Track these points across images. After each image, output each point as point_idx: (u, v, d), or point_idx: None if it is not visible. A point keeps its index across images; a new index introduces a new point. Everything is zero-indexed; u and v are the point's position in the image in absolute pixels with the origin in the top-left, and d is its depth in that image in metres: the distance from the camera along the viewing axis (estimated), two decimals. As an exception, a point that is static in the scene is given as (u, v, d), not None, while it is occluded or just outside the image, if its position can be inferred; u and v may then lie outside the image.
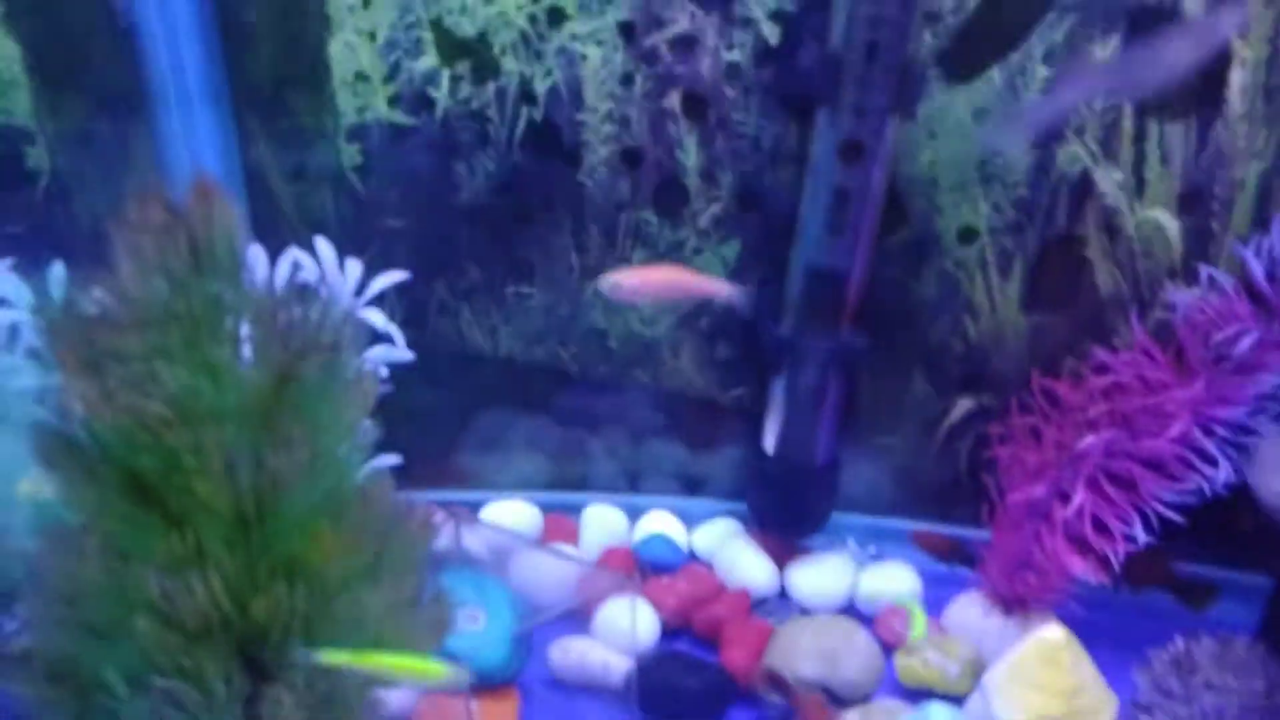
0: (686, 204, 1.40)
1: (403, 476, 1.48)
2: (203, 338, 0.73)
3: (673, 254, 1.43)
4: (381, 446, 1.33)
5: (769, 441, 1.38)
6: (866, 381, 1.46)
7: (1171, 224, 1.30)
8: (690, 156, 1.37)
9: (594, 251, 1.44)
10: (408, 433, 1.51)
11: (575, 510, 1.53)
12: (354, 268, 1.16)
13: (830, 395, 1.34)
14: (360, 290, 1.17)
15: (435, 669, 0.83)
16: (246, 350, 0.79)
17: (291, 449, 0.75)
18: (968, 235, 1.36)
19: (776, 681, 0.94)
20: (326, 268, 1.13)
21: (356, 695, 0.86)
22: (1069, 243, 1.33)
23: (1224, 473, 1.13)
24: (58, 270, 1.02)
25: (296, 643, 0.81)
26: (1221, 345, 1.15)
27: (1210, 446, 1.14)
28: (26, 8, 1.24)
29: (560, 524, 1.50)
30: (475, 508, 1.51)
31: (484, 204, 1.41)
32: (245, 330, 0.77)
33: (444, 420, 1.55)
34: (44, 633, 0.82)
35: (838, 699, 1.11)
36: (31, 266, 1.12)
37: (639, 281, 1.18)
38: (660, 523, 1.49)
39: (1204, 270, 1.24)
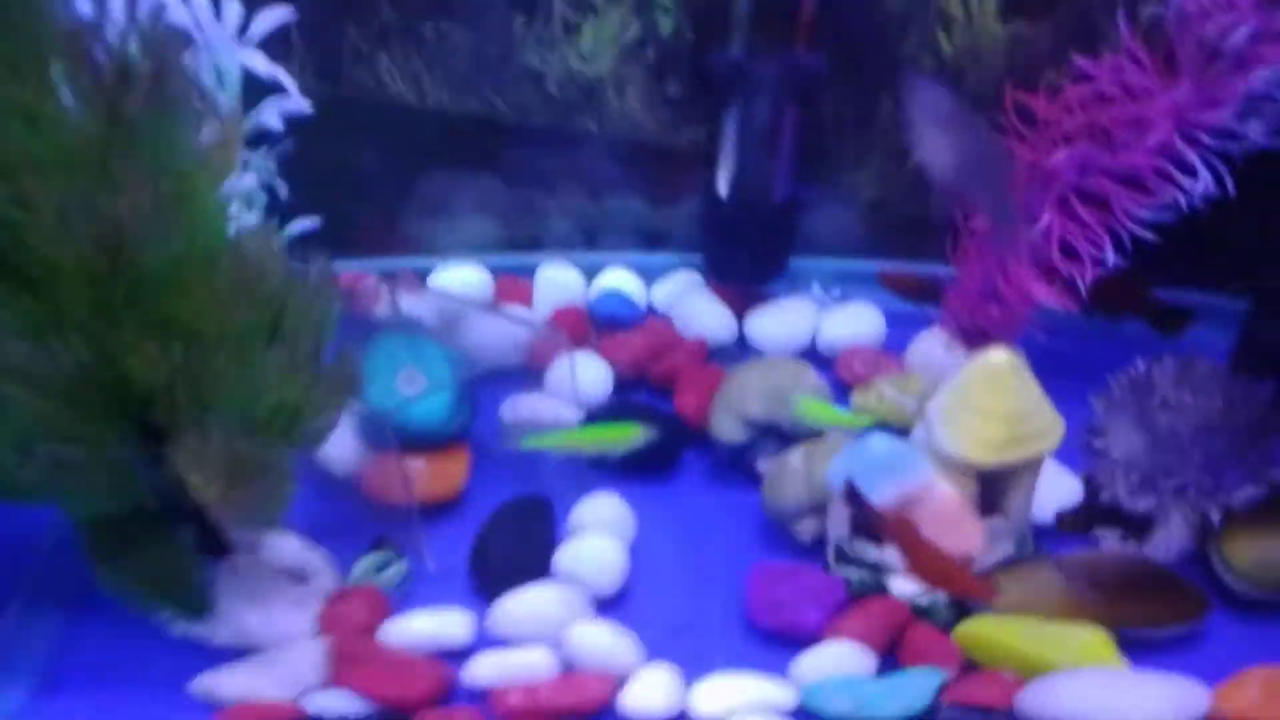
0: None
1: (342, 243, 1.44)
2: (6, 80, 0.62)
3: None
4: (305, 209, 1.28)
5: (722, 183, 1.28)
6: (828, 108, 1.33)
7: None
8: None
9: (518, -24, 1.27)
10: (339, 196, 1.44)
11: (529, 272, 1.46)
12: (233, 6, 1.02)
13: (786, 126, 1.22)
14: (242, 32, 1.03)
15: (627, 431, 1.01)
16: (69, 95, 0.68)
17: (128, 194, 0.66)
18: (939, -72, 1.19)
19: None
20: (197, 4, 0.99)
21: (269, 455, 0.83)
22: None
23: (1203, 184, 1.03)
24: None
25: (190, 402, 0.77)
26: (1214, 39, 1.01)
27: (1191, 155, 1.03)
28: None
29: (513, 286, 1.44)
30: (422, 274, 1.45)
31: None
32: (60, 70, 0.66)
33: (379, 181, 1.45)
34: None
35: (787, 436, 1.09)
36: None
37: None
38: (617, 279, 1.43)
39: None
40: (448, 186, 1.45)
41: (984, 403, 0.87)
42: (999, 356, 0.88)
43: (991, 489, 0.91)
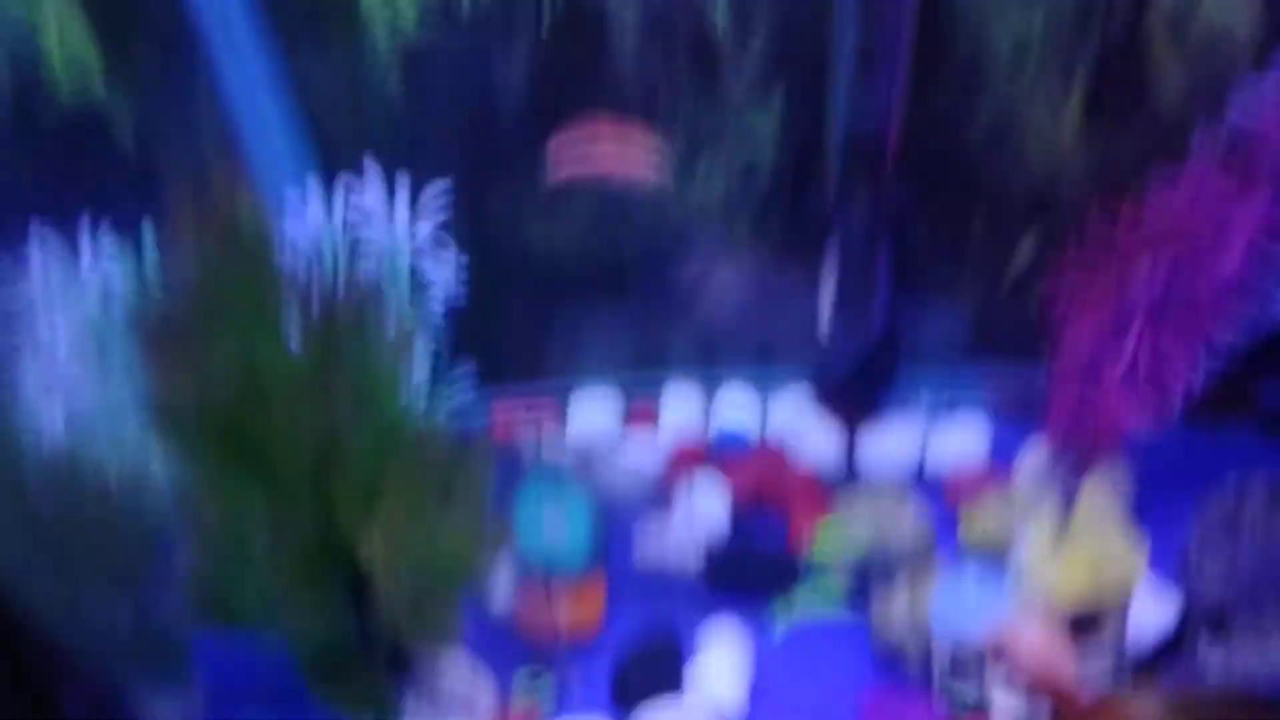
0: (724, 64, 1.34)
1: (498, 373, 1.62)
2: (251, 327, 0.83)
3: (716, 117, 1.37)
4: (465, 350, 1.46)
5: (824, 314, 1.38)
6: (929, 230, 1.40)
7: (1241, 18, 1.15)
8: (721, 16, 1.30)
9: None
10: (497, 336, 1.62)
11: (658, 393, 1.58)
12: (402, 212, 1.22)
13: (881, 259, 1.31)
14: (413, 202, 1.23)
15: None
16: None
17: (338, 407, 0.85)
18: (1023, 47, 1.24)
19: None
20: (374, 192, 1.20)
21: (445, 596, 0.99)
22: (1131, 48, 1.21)
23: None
24: (147, 230, 1.13)
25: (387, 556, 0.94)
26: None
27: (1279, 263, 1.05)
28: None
29: (644, 408, 1.57)
30: (566, 393, 1.60)
31: (524, 95, 1.39)
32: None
33: (523, 316, 1.62)
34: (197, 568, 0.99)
35: (896, 563, 1.15)
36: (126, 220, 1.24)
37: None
38: (736, 401, 1.53)
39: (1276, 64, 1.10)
40: (586, 322, 1.61)
41: (1073, 546, 0.91)
42: (1089, 501, 0.93)
43: (1084, 618, 0.95)
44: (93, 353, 1.08)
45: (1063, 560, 0.91)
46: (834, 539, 1.09)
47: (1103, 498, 0.91)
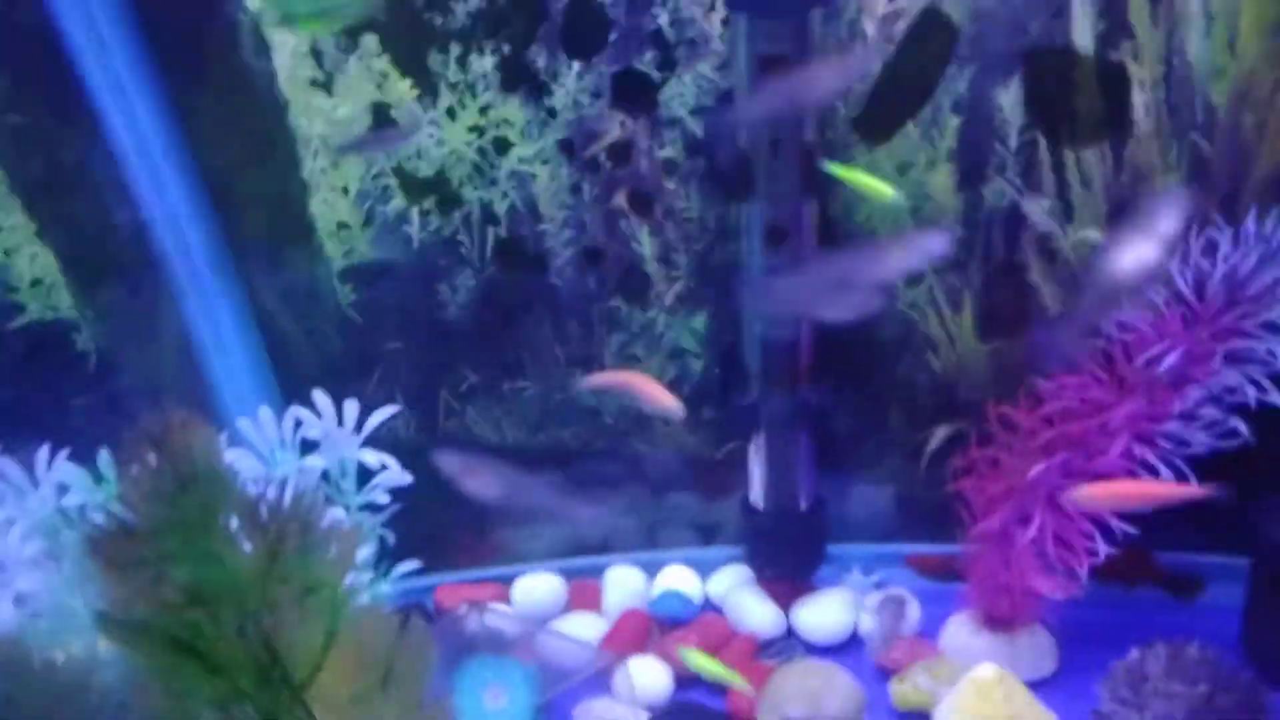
0: (650, 288, 1.53)
1: (445, 561, 1.69)
2: (200, 539, 0.90)
3: (645, 334, 1.55)
4: (413, 539, 1.54)
5: (755, 495, 1.49)
6: (848, 422, 1.56)
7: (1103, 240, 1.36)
8: (645, 246, 1.50)
9: (575, 342, 1.58)
10: (441, 524, 1.70)
11: (598, 573, 1.67)
12: (351, 408, 1.33)
13: (802, 448, 1.44)
14: (359, 426, 1.33)
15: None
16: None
17: (282, 609, 0.92)
18: (914, 279, 1.44)
19: None
20: (326, 417, 1.30)
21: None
22: (1011, 271, 1.41)
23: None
24: (105, 457, 1.22)
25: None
26: (1149, 362, 1.21)
27: (1152, 459, 1.20)
28: (55, 221, 1.46)
29: (584, 589, 1.64)
30: (509, 580, 1.67)
31: (470, 316, 1.56)
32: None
33: (470, 508, 1.71)
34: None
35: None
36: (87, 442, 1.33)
37: (602, 380, 1.33)
38: (675, 577, 1.61)
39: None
40: (526, 508, 1.71)
41: (978, 713, 1.00)
42: (986, 672, 1.02)
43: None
44: (46, 556, 1.14)
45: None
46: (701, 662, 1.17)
47: (990, 674, 0.99)
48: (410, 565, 1.46)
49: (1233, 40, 1.22)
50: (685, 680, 1.44)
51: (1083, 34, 1.26)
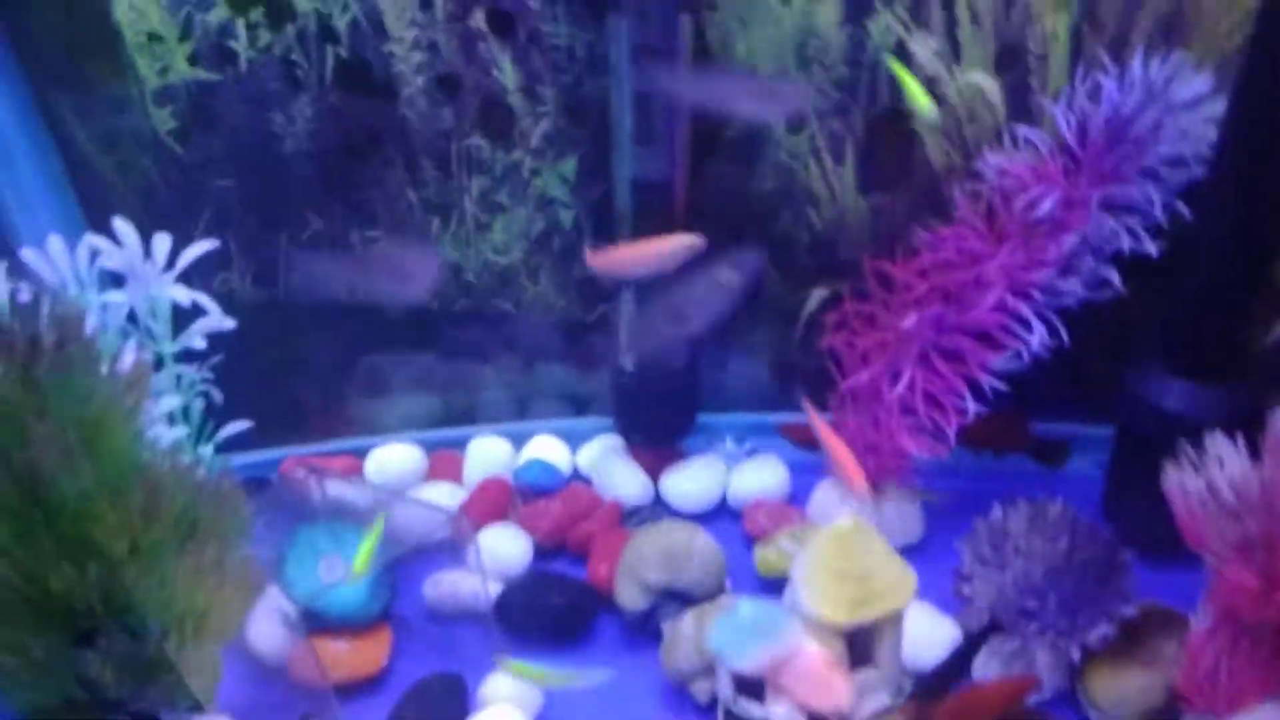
0: (514, 124, 1.39)
1: (289, 432, 1.56)
2: None
3: (510, 178, 1.43)
4: (249, 406, 1.41)
5: (624, 357, 1.41)
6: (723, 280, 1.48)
7: (991, 85, 1.29)
8: (508, 76, 1.36)
9: (431, 185, 1.44)
10: (282, 390, 1.57)
11: (462, 445, 1.57)
12: (161, 242, 1.17)
13: (673, 304, 1.36)
14: (171, 263, 1.18)
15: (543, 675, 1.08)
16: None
17: (40, 445, 0.79)
18: (796, 126, 1.36)
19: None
20: (128, 248, 1.14)
21: (169, 657, 0.92)
22: (895, 118, 1.33)
23: (1039, 336, 1.16)
24: None
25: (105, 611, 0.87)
26: (1026, 208, 1.16)
27: (1026, 311, 1.16)
28: None
29: (446, 460, 1.55)
30: (364, 452, 1.56)
31: (309, 150, 1.40)
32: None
33: (319, 372, 1.58)
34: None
35: (687, 599, 1.17)
36: None
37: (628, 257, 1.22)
38: (543, 448, 1.54)
39: (1020, 131, 1.24)
40: (382, 372, 1.59)
41: (836, 565, 0.96)
42: (843, 523, 0.97)
43: (859, 643, 0.99)
44: None
45: (831, 576, 0.94)
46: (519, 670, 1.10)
47: (847, 524, 0.96)
48: (238, 426, 1.33)
49: None
50: (545, 550, 1.37)
51: None
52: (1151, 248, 1.14)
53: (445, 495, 1.46)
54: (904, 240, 1.34)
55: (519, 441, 1.57)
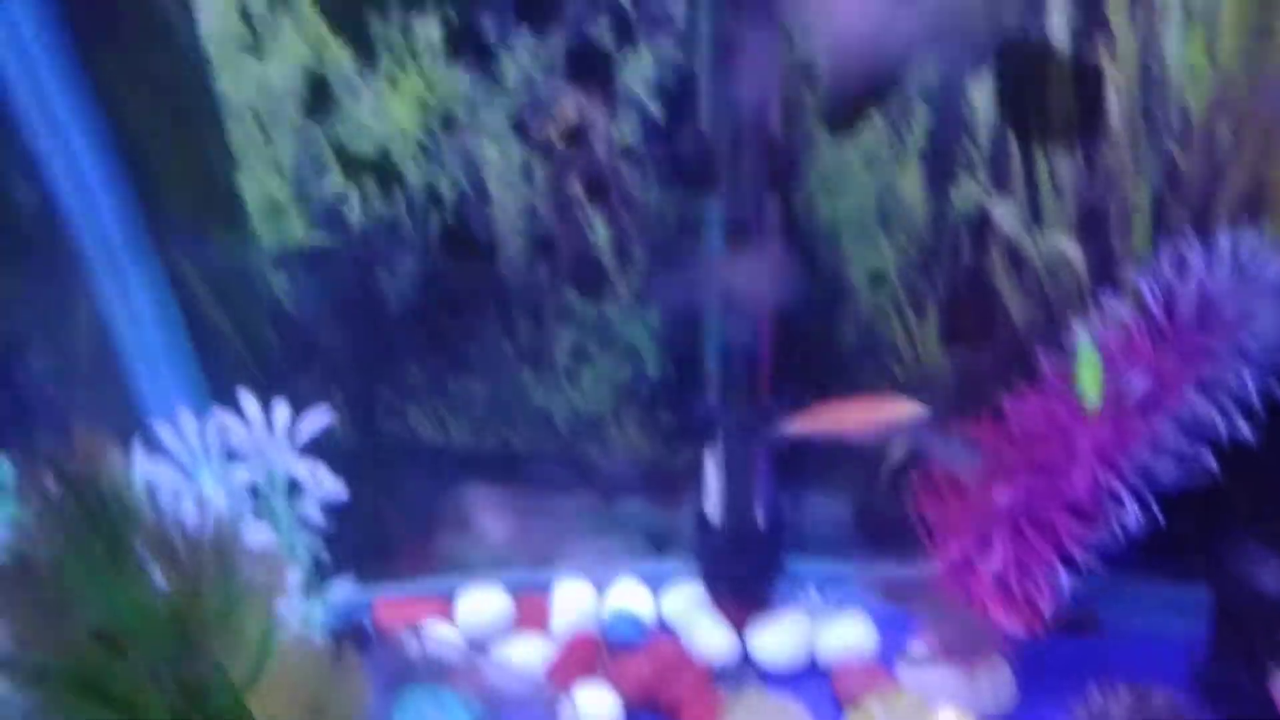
0: (605, 280, 1.46)
1: (383, 569, 1.61)
2: (108, 575, 0.83)
3: (599, 329, 1.49)
4: (348, 547, 1.46)
5: (709, 510, 1.44)
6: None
7: (1074, 249, 1.32)
8: (600, 235, 1.44)
9: (524, 336, 1.51)
10: (379, 529, 1.63)
11: (546, 588, 1.60)
12: (281, 413, 1.25)
13: (762, 460, 1.39)
14: (291, 432, 1.25)
15: None
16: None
17: (201, 655, 0.84)
18: (878, 280, 1.40)
19: None
20: (253, 423, 1.22)
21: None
22: (977, 277, 1.37)
23: (1133, 516, 1.15)
24: (4, 465, 1.12)
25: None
26: (1118, 387, 1.17)
27: (1119, 489, 1.16)
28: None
29: (533, 606, 1.57)
30: (452, 594, 1.59)
31: (412, 307, 1.49)
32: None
33: (411, 513, 1.64)
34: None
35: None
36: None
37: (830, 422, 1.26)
38: (628, 594, 1.55)
39: (1105, 300, 1.26)
40: (470, 513, 1.63)
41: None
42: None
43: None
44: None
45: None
46: None
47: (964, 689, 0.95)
48: (345, 585, 1.38)
49: (1212, 43, 1.20)
50: (635, 707, 1.38)
51: (1058, 29, 1.23)
52: (1246, 430, 1.14)
53: (534, 648, 1.48)
54: (989, 399, 1.35)
55: (602, 584, 1.59)
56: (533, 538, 1.65)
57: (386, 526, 1.64)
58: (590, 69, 1.32)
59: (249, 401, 1.25)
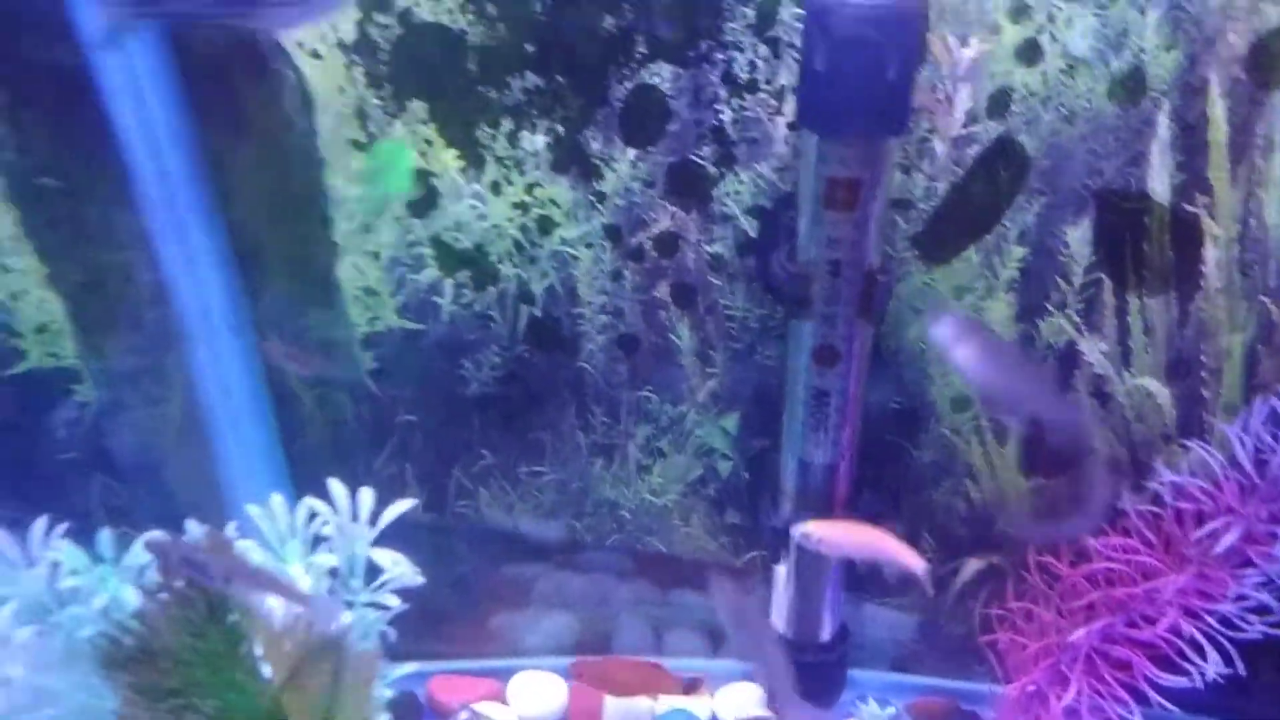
0: (684, 381, 1.52)
1: (440, 647, 1.67)
2: (226, 669, 0.90)
3: (674, 428, 1.55)
4: (410, 624, 1.52)
5: (777, 620, 1.48)
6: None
7: (1162, 392, 1.36)
8: (683, 339, 1.50)
9: (599, 429, 1.57)
10: (439, 606, 1.69)
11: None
12: (366, 498, 1.31)
13: (833, 575, 1.44)
14: (374, 519, 1.32)
15: None
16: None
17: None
18: (960, 403, 1.45)
19: None
20: (339, 509, 1.29)
21: None
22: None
23: (1214, 665, 1.19)
24: (105, 537, 1.19)
25: None
26: (1207, 538, 1.21)
27: (1200, 638, 1.20)
28: (68, 268, 1.44)
29: (585, 694, 1.62)
30: (507, 674, 1.65)
31: (492, 393, 1.56)
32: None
33: (474, 594, 1.70)
34: None
35: None
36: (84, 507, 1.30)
37: (838, 536, 1.31)
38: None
39: (1194, 446, 1.30)
40: (531, 596, 1.69)
41: None
42: None
43: None
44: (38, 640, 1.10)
45: None
46: None
47: None
48: (409, 667, 1.43)
49: (1314, 208, 1.24)
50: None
51: (1159, 182, 1.27)
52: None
53: (588, 733, 1.53)
54: (1066, 528, 1.39)
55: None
56: (592, 626, 1.71)
57: (445, 602, 1.70)
58: (689, 186, 1.39)
59: (338, 487, 1.32)
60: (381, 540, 1.33)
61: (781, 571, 1.46)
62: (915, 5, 1.12)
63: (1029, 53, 1.26)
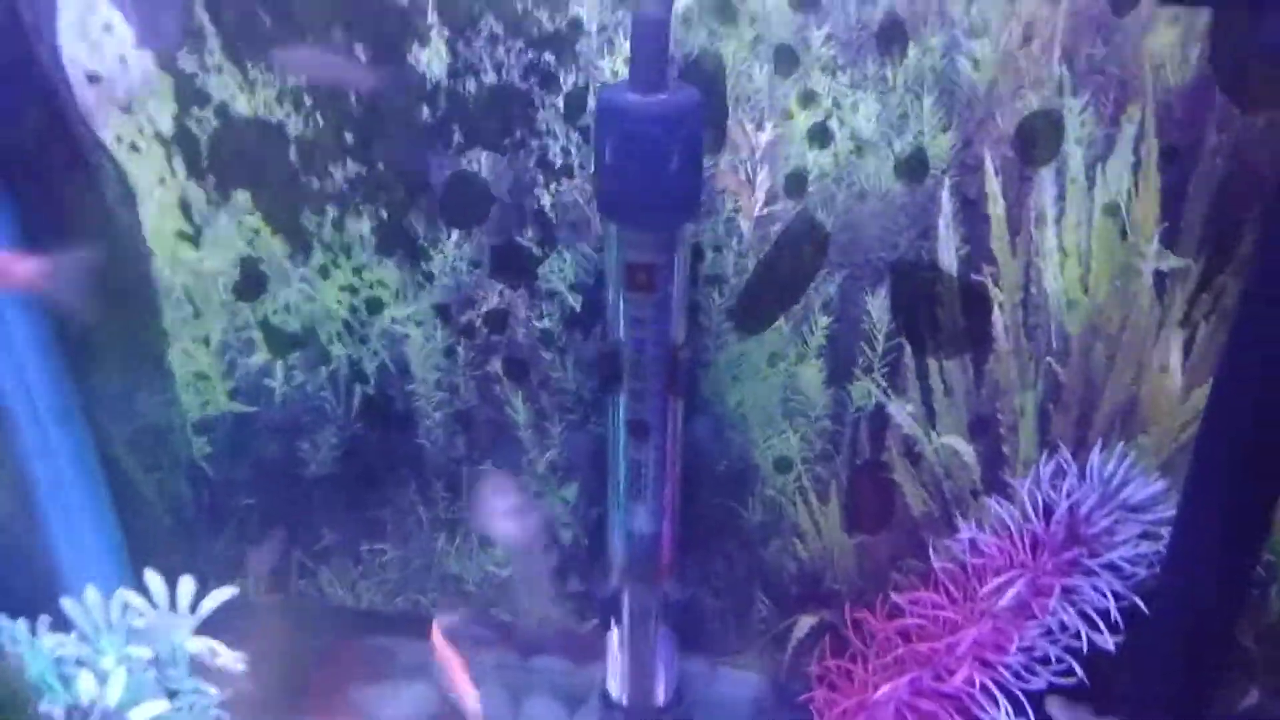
0: (522, 453, 1.58)
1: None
2: None
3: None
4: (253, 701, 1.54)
5: (614, 689, 1.53)
6: (712, 603, 1.62)
7: (967, 449, 1.46)
8: (519, 412, 1.55)
9: (440, 504, 1.62)
10: (292, 680, 1.70)
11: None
12: (186, 586, 1.34)
13: (663, 640, 1.49)
14: (194, 607, 1.34)
15: None
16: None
17: None
18: (783, 465, 1.52)
19: None
20: (158, 604, 1.31)
21: None
22: (876, 468, 1.50)
23: (1005, 714, 1.27)
24: None
25: None
26: (994, 590, 1.30)
27: (993, 690, 1.28)
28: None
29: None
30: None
31: (330, 473, 1.59)
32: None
33: (317, 663, 1.72)
34: None
35: None
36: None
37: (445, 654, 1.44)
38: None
39: (991, 503, 1.39)
40: (383, 664, 1.72)
41: None
42: None
43: None
44: None
45: None
46: None
47: None
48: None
49: (1084, 276, 1.35)
50: None
51: (947, 254, 1.38)
52: (1109, 642, 1.27)
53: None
54: (886, 588, 1.48)
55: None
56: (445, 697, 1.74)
57: (290, 673, 1.71)
58: (514, 265, 1.45)
59: (155, 579, 1.34)
60: (223, 623, 1.36)
61: (615, 638, 1.51)
62: (695, 99, 1.21)
63: (820, 136, 1.36)
